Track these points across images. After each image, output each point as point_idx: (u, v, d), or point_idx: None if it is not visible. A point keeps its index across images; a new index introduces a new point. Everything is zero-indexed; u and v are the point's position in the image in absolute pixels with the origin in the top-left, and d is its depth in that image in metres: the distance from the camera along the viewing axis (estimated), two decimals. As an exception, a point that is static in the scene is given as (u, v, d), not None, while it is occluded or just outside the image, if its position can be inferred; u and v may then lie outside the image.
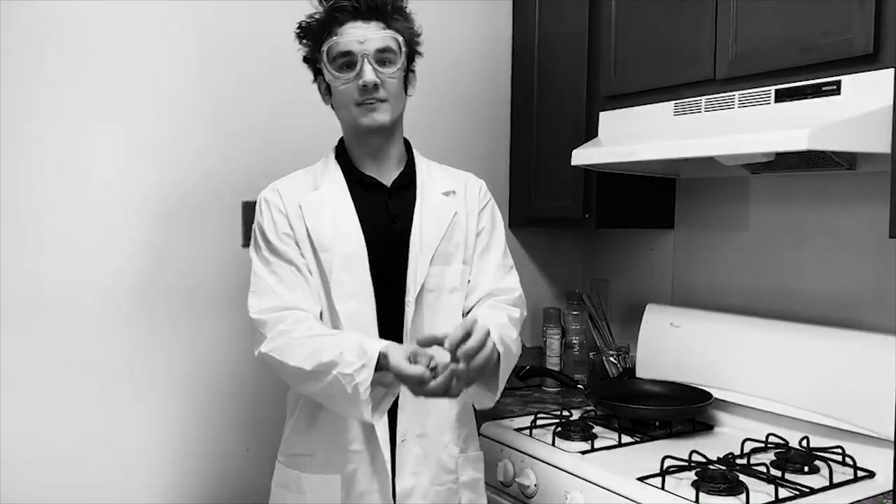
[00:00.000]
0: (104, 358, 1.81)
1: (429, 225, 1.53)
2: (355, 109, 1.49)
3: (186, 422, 1.92)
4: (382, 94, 1.48)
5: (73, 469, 1.78)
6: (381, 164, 1.56)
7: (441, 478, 1.52)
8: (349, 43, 1.46)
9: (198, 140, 1.91)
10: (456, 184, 1.62)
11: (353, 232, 1.50)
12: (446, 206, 1.57)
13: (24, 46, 1.70)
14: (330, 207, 1.52)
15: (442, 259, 1.53)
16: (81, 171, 1.77)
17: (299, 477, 1.51)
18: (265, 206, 1.54)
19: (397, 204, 1.55)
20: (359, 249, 1.49)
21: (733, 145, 1.57)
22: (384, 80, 1.48)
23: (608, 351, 2.29)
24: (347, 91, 1.48)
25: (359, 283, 1.48)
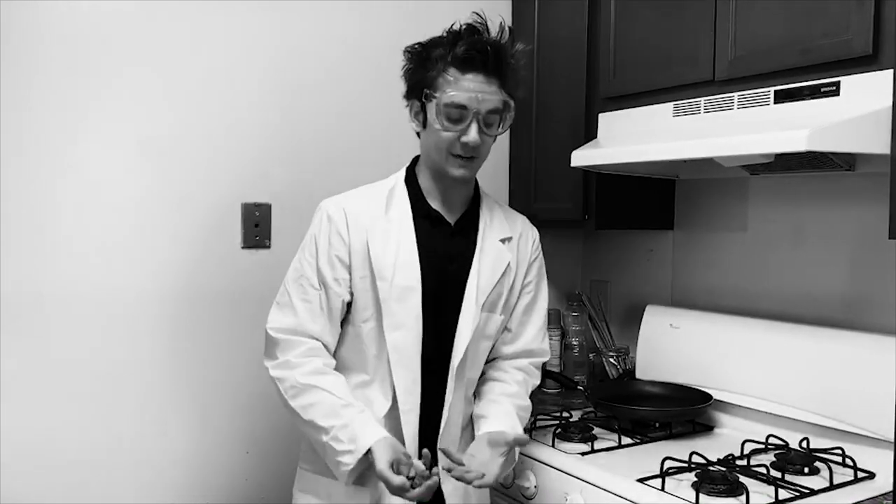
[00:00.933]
0: (103, 359, 1.81)
1: (485, 272, 1.57)
2: (449, 159, 1.51)
3: (186, 423, 1.92)
4: (479, 152, 1.51)
5: (74, 471, 1.77)
6: (448, 200, 1.59)
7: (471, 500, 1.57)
8: (467, 98, 1.46)
9: (197, 141, 1.91)
10: (513, 230, 1.65)
11: (412, 265, 1.52)
12: (502, 254, 1.60)
13: (26, 46, 1.70)
14: (395, 237, 1.53)
15: (488, 307, 1.57)
16: (81, 172, 1.77)
17: (330, 484, 1.52)
18: (326, 222, 1.54)
19: (457, 244, 1.57)
20: (415, 283, 1.51)
21: (733, 146, 1.57)
22: (484, 140, 1.50)
23: (608, 352, 2.29)
24: (448, 139, 1.49)
25: (410, 315, 1.50)
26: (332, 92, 2.07)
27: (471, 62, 1.47)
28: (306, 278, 1.53)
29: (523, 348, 1.66)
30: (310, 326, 1.51)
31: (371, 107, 2.14)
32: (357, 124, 2.11)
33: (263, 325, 1.56)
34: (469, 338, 1.53)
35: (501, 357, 1.66)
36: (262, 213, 1.98)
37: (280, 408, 1.63)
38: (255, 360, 1.94)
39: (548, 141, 2.24)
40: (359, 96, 2.12)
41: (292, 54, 2.02)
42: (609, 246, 2.46)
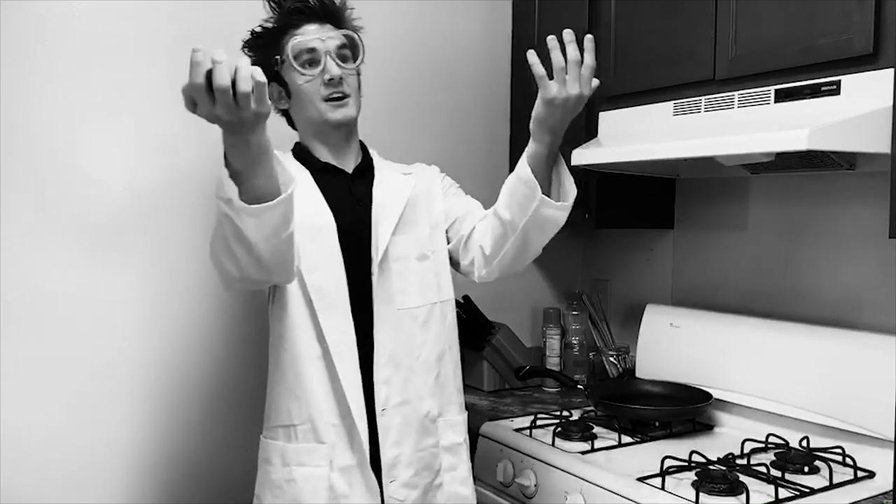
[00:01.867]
0: (102, 359, 1.81)
1: (389, 197, 1.58)
2: (323, 105, 1.53)
3: (186, 423, 1.92)
4: (346, 89, 1.54)
5: (74, 471, 1.78)
6: (340, 157, 1.61)
7: (423, 443, 1.53)
8: (312, 40, 1.52)
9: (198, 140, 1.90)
10: (412, 169, 1.69)
11: (319, 205, 1.52)
12: (405, 181, 1.63)
13: (25, 45, 1.70)
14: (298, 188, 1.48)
15: (406, 228, 1.57)
16: (81, 172, 1.77)
17: (284, 448, 1.51)
18: None
19: (359, 188, 1.59)
20: (327, 221, 1.51)
21: (733, 145, 1.57)
22: (345, 76, 1.54)
23: (608, 351, 2.29)
24: (312, 87, 1.53)
25: (327, 253, 1.50)
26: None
27: (300, 14, 1.54)
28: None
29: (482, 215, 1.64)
30: None
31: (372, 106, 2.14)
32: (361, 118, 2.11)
33: (263, 323, 1.56)
34: (378, 259, 1.51)
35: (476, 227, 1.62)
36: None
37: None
38: (254, 359, 1.95)
39: (548, 140, 2.24)
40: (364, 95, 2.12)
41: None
42: (609, 245, 2.46)
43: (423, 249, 1.59)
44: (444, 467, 1.57)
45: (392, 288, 1.53)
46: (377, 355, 1.50)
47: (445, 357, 1.60)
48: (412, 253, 1.57)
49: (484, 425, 1.92)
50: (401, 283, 1.54)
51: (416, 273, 1.57)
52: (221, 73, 1.05)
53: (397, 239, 1.55)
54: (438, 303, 1.59)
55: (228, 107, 1.07)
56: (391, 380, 1.51)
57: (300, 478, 1.48)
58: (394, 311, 1.53)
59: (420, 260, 1.58)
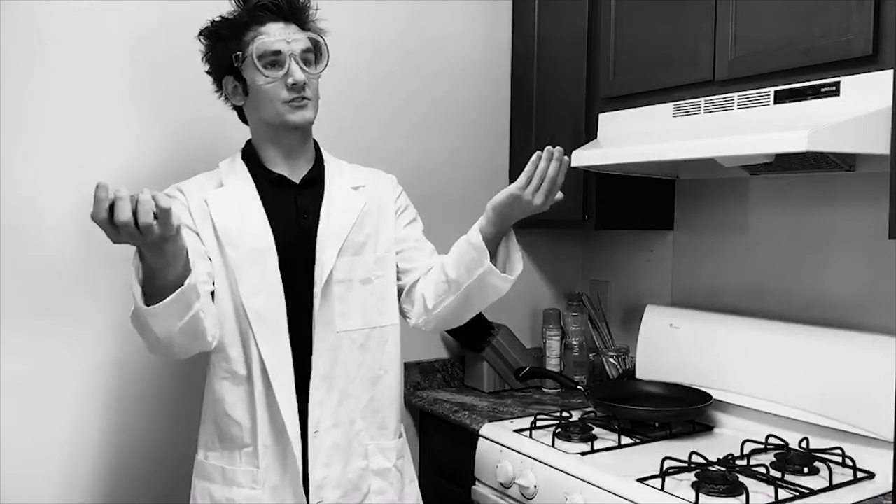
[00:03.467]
0: (101, 359, 1.81)
1: (336, 216, 1.55)
2: (282, 107, 1.50)
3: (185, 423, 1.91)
4: (308, 93, 1.52)
5: (73, 472, 1.78)
6: (291, 162, 1.57)
7: (352, 465, 1.53)
8: (278, 42, 1.49)
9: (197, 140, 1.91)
10: (366, 179, 1.64)
11: (261, 228, 1.50)
12: (355, 198, 1.59)
13: (26, 45, 1.70)
14: (236, 203, 1.51)
15: (351, 250, 1.55)
16: (80, 171, 1.76)
17: (223, 470, 1.51)
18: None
19: (307, 199, 1.56)
20: (267, 245, 1.49)
21: (733, 146, 1.57)
22: (309, 80, 1.52)
23: (608, 352, 2.29)
24: (273, 89, 1.49)
25: (267, 278, 1.48)
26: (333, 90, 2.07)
27: (266, 10, 1.50)
28: None
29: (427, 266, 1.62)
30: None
31: (372, 106, 2.15)
32: (358, 123, 2.11)
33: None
34: (322, 283, 1.49)
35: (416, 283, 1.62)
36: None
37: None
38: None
39: (548, 141, 2.22)
40: (365, 95, 2.12)
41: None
42: (609, 246, 2.46)
43: (368, 273, 1.57)
44: (372, 490, 1.55)
45: (333, 311, 1.51)
46: (313, 377, 1.49)
47: (382, 381, 1.58)
48: (356, 275, 1.55)
49: (484, 426, 1.92)
50: (342, 306, 1.52)
51: (359, 296, 1.55)
52: (121, 209, 1.12)
53: (341, 261, 1.53)
54: (378, 327, 1.58)
55: (133, 236, 1.15)
56: (324, 402, 1.50)
57: (239, 498, 1.48)
58: (333, 333, 1.51)
59: (364, 283, 1.56)
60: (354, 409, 1.54)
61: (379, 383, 1.58)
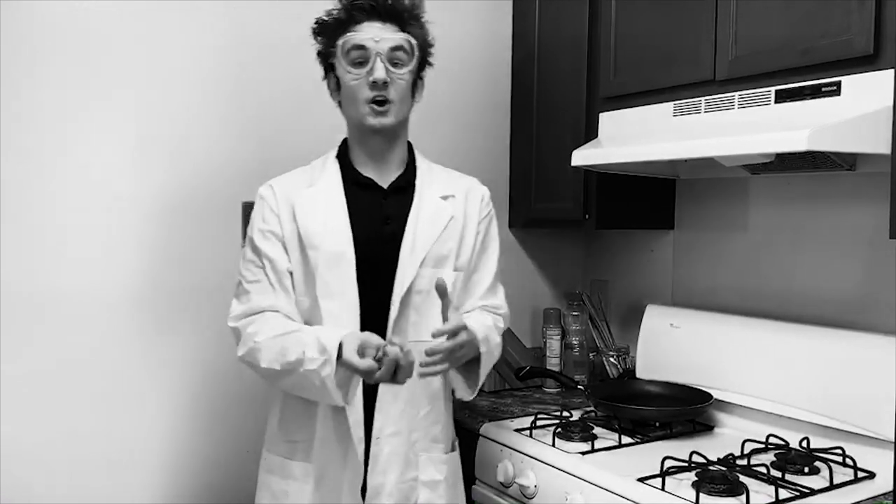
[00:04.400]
0: (101, 359, 1.81)
1: (423, 227, 1.54)
2: (363, 108, 1.50)
3: (186, 421, 1.92)
4: (391, 94, 1.50)
5: (73, 472, 1.78)
6: (380, 165, 1.57)
7: (405, 475, 1.53)
8: (364, 38, 1.48)
9: (198, 140, 1.91)
10: (457, 188, 1.62)
11: (342, 230, 1.51)
12: (443, 209, 1.57)
13: (26, 45, 1.70)
14: (322, 205, 1.53)
15: (433, 262, 1.54)
16: (82, 172, 1.77)
17: (283, 463, 1.54)
18: (259, 202, 1.57)
19: (392, 205, 1.56)
20: (346, 248, 1.50)
21: (733, 146, 1.57)
22: (394, 80, 1.50)
23: (608, 352, 2.29)
24: (358, 87, 1.50)
25: (343, 282, 1.49)
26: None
27: (362, 10, 1.50)
28: (250, 261, 1.54)
29: (475, 305, 1.62)
30: (263, 303, 1.51)
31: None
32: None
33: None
34: (402, 293, 1.49)
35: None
36: (262, 213, 1.98)
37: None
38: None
39: (548, 141, 2.25)
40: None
41: (296, 53, 2.01)
42: (609, 245, 2.46)
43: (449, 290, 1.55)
44: (420, 501, 1.55)
45: (408, 321, 1.52)
46: (382, 384, 1.49)
47: (441, 395, 1.59)
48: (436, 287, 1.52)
49: (484, 426, 1.92)
50: (417, 316, 1.52)
51: (434, 309, 1.51)
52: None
53: (423, 272, 1.52)
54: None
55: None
56: (388, 410, 1.51)
57: (293, 492, 1.51)
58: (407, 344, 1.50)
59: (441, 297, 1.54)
60: (414, 420, 1.54)
61: (438, 397, 1.59)
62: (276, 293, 1.51)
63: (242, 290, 1.54)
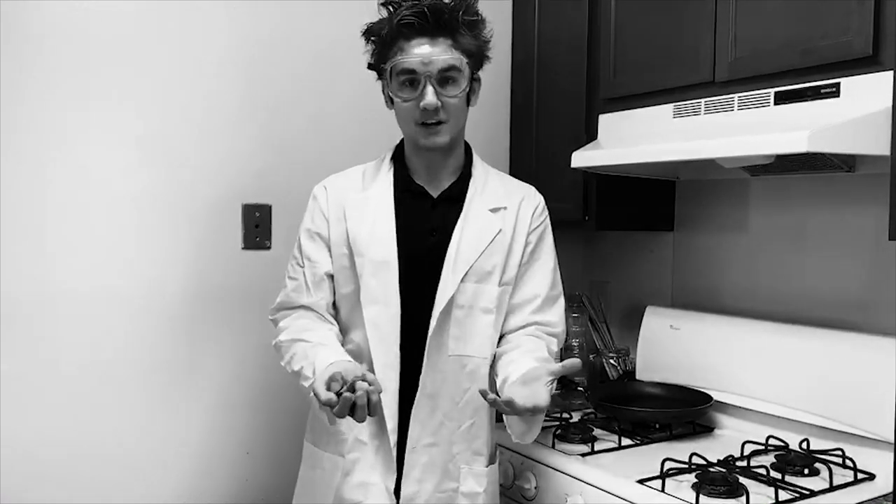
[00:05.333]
0: (101, 360, 1.81)
1: (468, 241, 1.52)
2: (416, 128, 1.49)
3: (185, 424, 1.92)
4: (443, 116, 1.47)
5: (73, 472, 1.77)
6: (434, 174, 1.56)
7: (444, 486, 1.52)
8: (413, 63, 1.44)
9: (197, 141, 1.91)
10: (510, 199, 1.58)
11: (388, 239, 1.51)
12: (491, 223, 1.54)
13: (26, 45, 1.70)
14: (372, 211, 1.53)
15: (476, 277, 1.52)
16: (81, 172, 1.77)
17: (314, 452, 1.58)
18: (311, 201, 1.60)
19: (439, 216, 1.54)
20: (390, 257, 1.50)
21: (733, 147, 1.57)
22: (445, 102, 1.46)
23: (608, 353, 2.29)
24: (409, 109, 1.48)
25: (387, 290, 1.49)
26: (334, 91, 2.07)
27: (411, 27, 1.45)
28: (295, 257, 1.59)
29: (524, 323, 1.58)
30: (297, 300, 1.55)
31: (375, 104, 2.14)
32: (358, 123, 2.11)
33: (263, 325, 1.56)
34: (442, 307, 1.48)
35: (508, 331, 1.58)
36: (262, 215, 1.98)
37: (281, 410, 1.64)
38: (254, 360, 1.95)
39: (548, 142, 2.24)
40: (361, 95, 2.12)
41: (295, 54, 2.02)
42: (609, 247, 2.46)
43: (489, 303, 1.53)
44: None
45: (448, 334, 1.50)
46: (419, 395, 1.49)
47: (484, 409, 1.55)
48: (479, 303, 1.52)
49: (484, 427, 1.92)
50: (458, 330, 1.51)
51: (479, 324, 1.52)
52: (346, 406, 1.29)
53: (465, 286, 1.50)
54: (490, 357, 1.55)
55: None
56: (426, 421, 1.50)
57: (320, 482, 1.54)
58: (444, 357, 1.50)
59: (485, 312, 1.53)
60: (454, 432, 1.52)
61: (481, 411, 1.55)
62: (310, 294, 1.55)
63: (285, 284, 1.59)
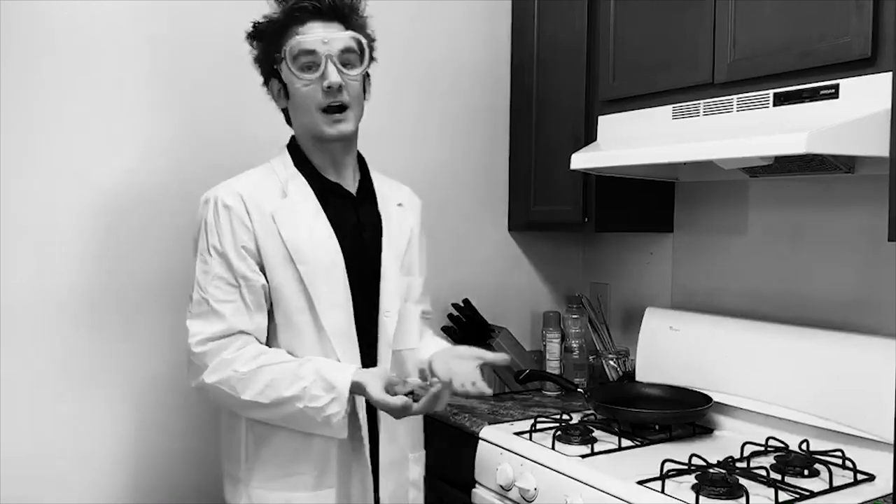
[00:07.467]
0: (100, 361, 1.81)
1: (394, 234, 1.55)
2: (319, 116, 1.45)
3: (185, 425, 1.92)
4: (346, 98, 1.45)
5: (71, 473, 1.78)
6: (341, 171, 1.55)
7: (401, 478, 1.56)
8: (313, 42, 1.43)
9: (197, 142, 1.91)
10: (402, 197, 1.65)
11: (330, 242, 1.47)
12: (404, 218, 1.60)
13: (24, 47, 1.70)
14: (304, 216, 1.47)
15: (405, 269, 1.56)
16: (80, 174, 1.77)
17: (292, 497, 1.44)
18: (223, 213, 1.43)
19: (365, 213, 1.55)
20: (337, 260, 1.47)
21: (732, 149, 1.57)
22: (347, 83, 1.45)
23: (608, 354, 2.29)
24: (310, 93, 1.44)
25: (339, 293, 1.46)
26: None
27: (304, 11, 1.44)
28: (220, 277, 1.42)
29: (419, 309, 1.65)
30: (240, 325, 1.41)
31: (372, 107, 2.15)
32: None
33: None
34: (398, 305, 1.51)
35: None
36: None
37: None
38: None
39: (547, 144, 2.25)
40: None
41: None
42: (609, 248, 2.47)
43: (417, 294, 1.59)
44: (410, 500, 1.59)
45: (391, 328, 1.52)
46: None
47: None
48: (411, 295, 1.57)
49: (484, 429, 1.92)
50: (401, 324, 1.54)
51: (411, 316, 1.56)
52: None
53: (401, 280, 1.55)
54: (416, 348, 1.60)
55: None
56: (386, 421, 1.51)
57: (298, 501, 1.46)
58: (389, 350, 1.52)
59: (414, 304, 1.58)
60: (406, 422, 1.53)
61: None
62: (252, 315, 1.42)
63: (209, 310, 1.41)
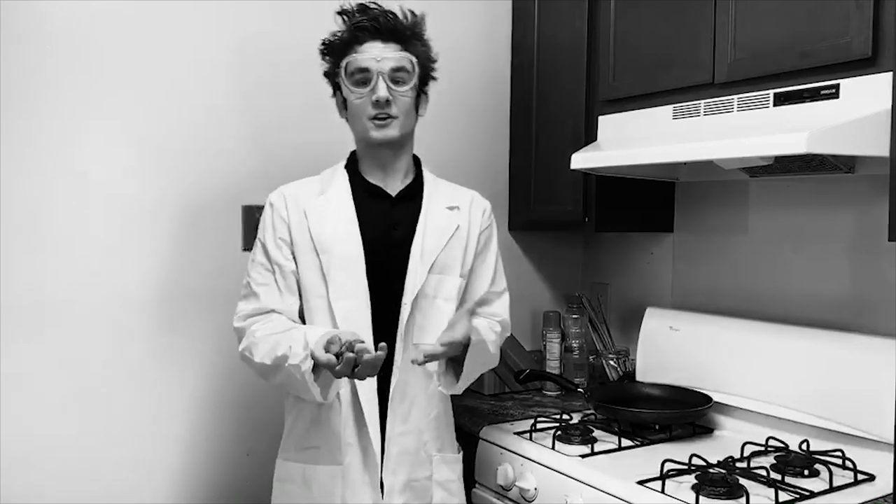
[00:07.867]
0: (101, 361, 1.81)
1: (431, 234, 1.60)
2: (368, 123, 1.56)
3: (185, 425, 1.92)
4: (394, 111, 1.56)
5: (72, 473, 1.78)
6: (388, 175, 1.63)
7: (416, 474, 1.57)
8: (366, 60, 1.54)
9: (199, 143, 1.91)
10: (461, 200, 1.68)
11: (352, 235, 1.56)
12: (450, 218, 1.64)
13: (25, 46, 1.70)
14: (333, 212, 1.58)
15: (440, 268, 1.59)
16: (82, 175, 1.77)
17: (304, 469, 1.56)
18: (269, 210, 1.62)
19: (400, 212, 1.61)
20: (356, 251, 1.55)
21: (732, 149, 1.57)
22: (396, 98, 1.55)
23: (608, 354, 2.29)
24: (362, 105, 1.56)
25: (355, 283, 1.54)
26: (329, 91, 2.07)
27: (364, 31, 1.55)
28: (260, 264, 1.59)
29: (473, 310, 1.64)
30: (272, 304, 1.56)
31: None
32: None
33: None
34: (412, 297, 1.54)
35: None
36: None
37: (282, 412, 1.64)
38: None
39: (548, 143, 2.25)
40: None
41: (296, 55, 2.02)
42: (609, 248, 2.47)
43: (451, 293, 1.61)
44: (435, 500, 1.59)
45: (414, 323, 1.56)
46: (394, 383, 1.54)
47: (448, 397, 1.64)
48: (441, 293, 1.59)
49: (484, 429, 1.92)
50: (423, 319, 1.57)
51: (442, 314, 1.58)
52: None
53: (430, 277, 1.58)
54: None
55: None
56: (397, 410, 1.54)
57: (319, 496, 1.53)
58: (401, 341, 1.55)
59: (447, 301, 1.60)
60: (423, 420, 1.58)
61: (447, 399, 1.65)
62: (284, 296, 1.57)
63: (250, 292, 1.59)
